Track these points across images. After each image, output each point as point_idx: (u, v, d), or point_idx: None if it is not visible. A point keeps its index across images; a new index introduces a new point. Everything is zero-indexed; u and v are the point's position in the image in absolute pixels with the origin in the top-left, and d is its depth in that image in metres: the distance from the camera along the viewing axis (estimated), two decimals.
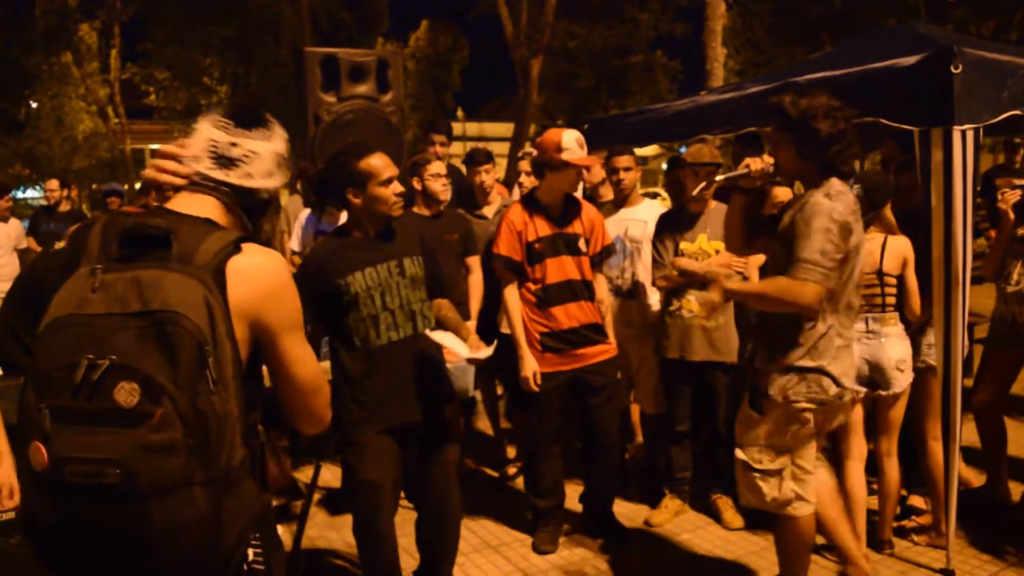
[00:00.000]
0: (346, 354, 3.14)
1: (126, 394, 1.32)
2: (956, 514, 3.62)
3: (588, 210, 4.12)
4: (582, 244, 4.01)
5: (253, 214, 1.70)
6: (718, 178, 3.19)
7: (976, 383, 4.33)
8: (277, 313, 1.56)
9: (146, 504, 1.33)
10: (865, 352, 3.61)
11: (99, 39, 24.53)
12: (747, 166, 2.99)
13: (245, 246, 1.54)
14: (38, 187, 23.52)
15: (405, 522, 3.45)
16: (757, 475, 3.02)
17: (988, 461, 4.40)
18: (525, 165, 4.88)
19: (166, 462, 1.32)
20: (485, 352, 3.21)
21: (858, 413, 3.68)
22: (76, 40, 23.20)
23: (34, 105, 23.27)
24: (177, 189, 1.67)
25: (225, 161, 1.63)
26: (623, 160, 4.56)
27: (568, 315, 3.96)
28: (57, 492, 1.36)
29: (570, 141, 3.87)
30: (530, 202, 4.06)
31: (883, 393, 3.66)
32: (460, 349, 3.14)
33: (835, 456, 3.70)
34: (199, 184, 1.64)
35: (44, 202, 9.06)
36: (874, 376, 3.64)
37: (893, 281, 3.65)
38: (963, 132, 3.32)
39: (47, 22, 21.69)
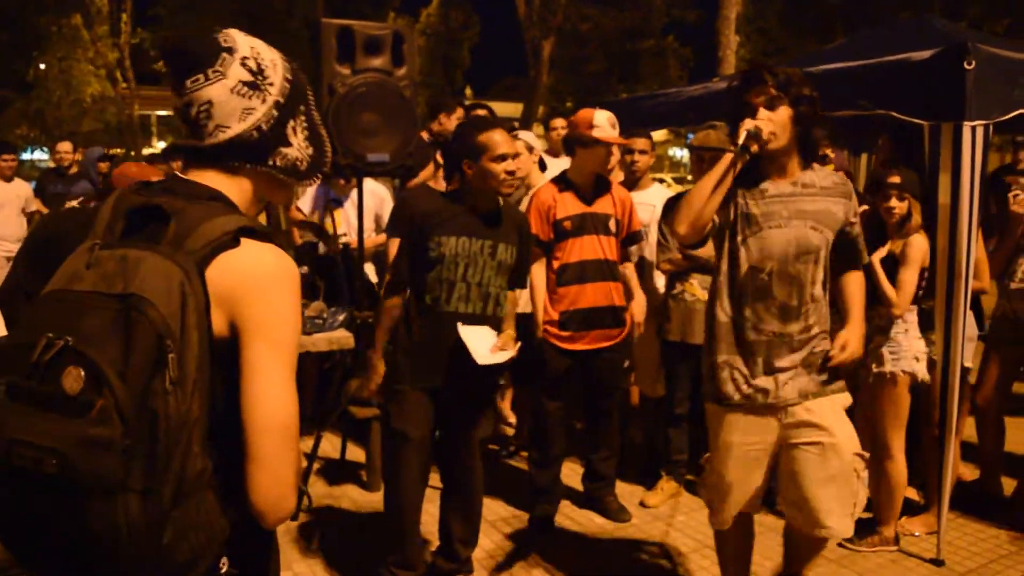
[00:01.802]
0: (414, 307, 3.25)
1: (72, 380, 1.21)
2: (948, 506, 3.67)
3: (619, 191, 4.15)
4: (612, 224, 4.03)
5: (261, 156, 1.48)
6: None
7: (979, 381, 4.37)
8: (255, 308, 1.35)
9: (82, 501, 1.22)
10: (922, 346, 3.73)
11: (109, 2, 24.41)
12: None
13: (246, 240, 1.37)
14: (44, 149, 23.45)
15: (428, 502, 3.51)
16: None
17: (984, 456, 4.44)
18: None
19: (102, 460, 1.20)
20: (500, 357, 3.19)
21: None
22: (87, 2, 23.08)
23: (43, 67, 23.17)
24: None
25: (191, 127, 1.44)
26: (640, 142, 4.61)
27: (587, 295, 3.98)
28: (4, 472, 1.26)
29: (602, 119, 3.92)
30: (560, 181, 4.10)
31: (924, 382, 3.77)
32: (478, 352, 3.14)
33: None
34: (190, 162, 1.50)
35: (51, 164, 9.03)
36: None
37: None
38: (973, 128, 3.34)
39: None
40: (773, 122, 2.62)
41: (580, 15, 25.28)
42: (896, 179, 3.64)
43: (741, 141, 2.59)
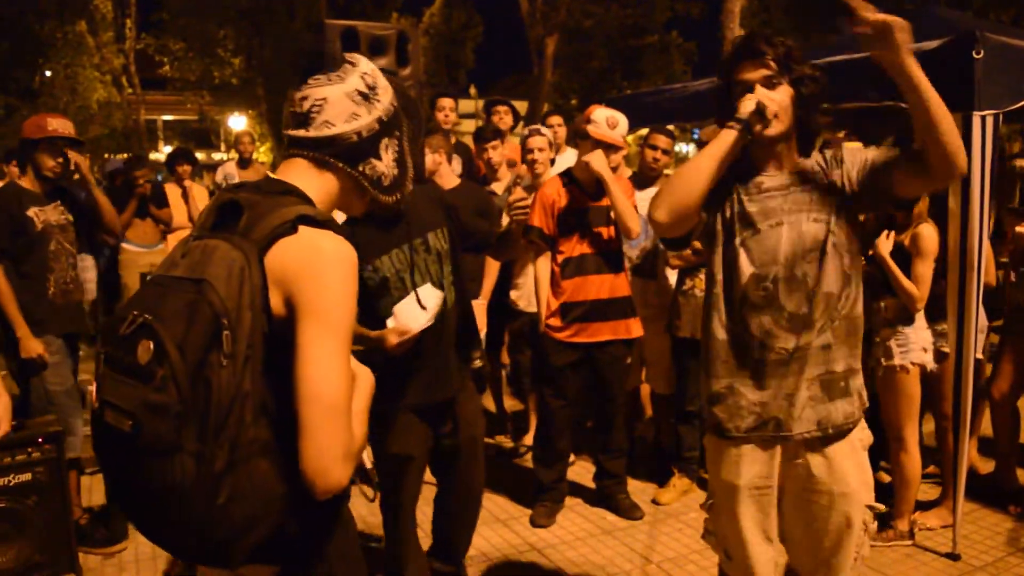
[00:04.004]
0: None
1: (143, 351, 1.38)
2: (963, 499, 3.64)
3: (624, 185, 4.15)
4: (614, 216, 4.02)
5: (354, 159, 1.65)
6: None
7: (994, 372, 4.34)
8: (306, 289, 1.44)
9: (148, 459, 1.39)
10: (929, 336, 3.73)
11: (114, 8, 24.49)
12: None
13: (303, 228, 1.49)
14: None
15: (424, 501, 3.49)
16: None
17: (999, 449, 4.41)
18: (535, 142, 4.69)
19: (160, 423, 1.36)
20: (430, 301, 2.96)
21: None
22: (91, 8, 23.15)
23: (48, 74, 23.26)
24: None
25: (300, 118, 1.63)
26: (662, 140, 4.65)
27: (589, 288, 4.00)
28: (99, 429, 1.47)
29: (599, 116, 3.94)
30: (565, 176, 4.12)
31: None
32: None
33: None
34: (290, 149, 1.67)
35: None
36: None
37: None
38: (983, 118, 3.31)
39: None
40: (775, 102, 2.19)
41: (583, 12, 25.24)
42: None
43: (745, 116, 2.16)
